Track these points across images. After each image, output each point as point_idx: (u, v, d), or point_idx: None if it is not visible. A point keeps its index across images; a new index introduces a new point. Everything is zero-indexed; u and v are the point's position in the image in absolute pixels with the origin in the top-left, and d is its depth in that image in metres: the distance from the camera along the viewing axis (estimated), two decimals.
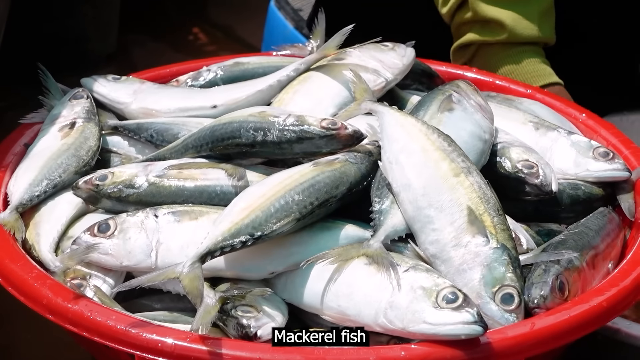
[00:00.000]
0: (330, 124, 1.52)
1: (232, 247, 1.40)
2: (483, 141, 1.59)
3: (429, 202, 1.45)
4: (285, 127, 1.53)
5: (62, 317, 1.38)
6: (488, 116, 1.64)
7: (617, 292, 1.42)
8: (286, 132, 1.53)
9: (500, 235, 1.43)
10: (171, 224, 1.48)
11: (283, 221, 1.43)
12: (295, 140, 1.53)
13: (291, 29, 2.63)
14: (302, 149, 1.54)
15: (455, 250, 1.42)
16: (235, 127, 1.57)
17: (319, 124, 1.52)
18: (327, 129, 1.52)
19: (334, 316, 1.40)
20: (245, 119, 1.57)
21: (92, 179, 1.57)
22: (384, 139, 1.53)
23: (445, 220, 1.43)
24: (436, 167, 1.48)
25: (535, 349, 1.35)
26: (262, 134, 1.54)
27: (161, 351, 1.32)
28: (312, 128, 1.52)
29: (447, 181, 1.46)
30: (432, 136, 1.51)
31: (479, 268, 1.40)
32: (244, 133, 1.56)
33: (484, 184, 1.47)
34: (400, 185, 1.47)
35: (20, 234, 1.53)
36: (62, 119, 1.72)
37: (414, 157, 1.49)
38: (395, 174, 1.49)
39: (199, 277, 1.36)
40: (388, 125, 1.54)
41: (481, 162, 1.58)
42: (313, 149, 1.54)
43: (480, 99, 1.66)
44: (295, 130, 1.53)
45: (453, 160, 1.49)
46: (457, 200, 1.44)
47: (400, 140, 1.51)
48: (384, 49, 1.79)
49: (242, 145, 1.56)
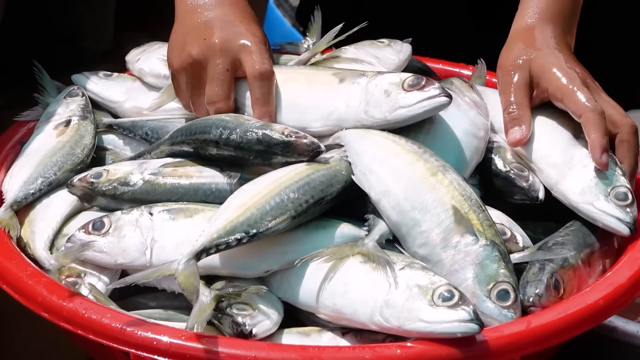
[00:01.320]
0: (291, 132, 1.51)
1: (227, 245, 1.40)
2: (478, 138, 1.59)
3: (412, 205, 1.44)
4: (248, 129, 1.52)
5: (56, 315, 1.38)
6: (483, 112, 1.63)
7: (614, 291, 1.42)
8: (248, 133, 1.52)
9: (488, 232, 1.42)
10: (166, 222, 1.48)
11: (278, 219, 1.42)
12: (255, 142, 1.51)
13: (289, 26, 2.64)
14: (259, 153, 1.51)
15: (445, 251, 1.42)
16: (209, 123, 1.57)
17: (281, 131, 1.51)
18: (286, 136, 1.50)
19: (330, 314, 1.39)
20: (221, 117, 1.57)
21: (87, 176, 1.57)
22: (352, 155, 1.51)
23: (431, 221, 1.43)
24: (412, 169, 1.46)
25: (532, 347, 1.35)
26: (227, 132, 1.53)
27: (156, 349, 1.32)
28: (273, 133, 1.51)
29: (426, 181, 1.45)
30: (400, 141, 1.50)
31: (471, 267, 1.40)
32: (213, 130, 1.55)
33: (462, 180, 1.47)
34: (380, 193, 1.46)
35: (15, 231, 1.53)
36: (58, 117, 1.72)
37: (387, 163, 1.48)
38: (372, 183, 1.47)
39: (194, 274, 1.36)
40: (352, 140, 1.52)
41: (475, 160, 1.58)
42: (270, 154, 1.51)
43: (475, 95, 1.65)
44: (257, 132, 1.51)
45: (427, 160, 1.48)
46: (440, 200, 1.44)
47: (369, 151, 1.50)
48: (380, 46, 1.79)
49: (209, 141, 1.55)
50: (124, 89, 1.80)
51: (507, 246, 1.48)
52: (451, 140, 1.56)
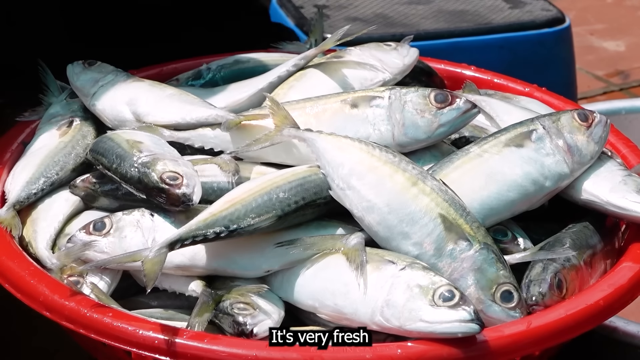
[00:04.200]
0: (169, 178, 1.45)
1: (204, 237, 1.40)
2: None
3: (398, 218, 1.43)
4: (133, 164, 1.49)
5: (58, 314, 1.38)
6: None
7: (614, 291, 1.42)
8: (132, 169, 1.49)
9: (478, 234, 1.42)
10: (167, 223, 1.48)
11: (262, 217, 1.42)
12: (137, 180, 1.48)
13: (292, 25, 2.64)
14: (139, 193, 1.48)
15: (440, 260, 1.41)
16: (110, 145, 1.54)
17: (159, 175, 1.46)
18: (162, 182, 1.45)
19: (331, 315, 1.40)
20: (123, 140, 1.54)
21: (90, 177, 1.57)
22: (326, 166, 1.48)
23: (421, 232, 1.42)
24: (392, 182, 1.44)
25: (532, 347, 1.36)
26: (118, 162, 1.51)
27: (158, 348, 1.32)
28: (152, 175, 1.46)
29: (408, 192, 1.43)
30: (375, 152, 1.47)
31: (470, 274, 1.40)
32: (109, 154, 1.53)
33: (442, 184, 1.45)
34: (362, 209, 1.44)
35: (17, 231, 1.53)
36: (60, 117, 1.72)
37: (366, 178, 1.45)
38: (352, 200, 1.45)
39: (161, 262, 1.36)
40: (325, 151, 1.49)
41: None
42: (149, 197, 1.47)
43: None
44: (138, 170, 1.48)
45: (405, 170, 1.45)
46: (426, 209, 1.42)
47: (345, 165, 1.47)
48: (386, 49, 1.76)
49: (104, 166, 1.54)
50: (93, 81, 1.73)
51: (508, 247, 1.48)
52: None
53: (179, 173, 1.46)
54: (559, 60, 2.66)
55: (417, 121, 1.56)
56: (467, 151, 1.54)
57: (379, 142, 1.53)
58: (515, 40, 2.61)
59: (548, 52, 2.64)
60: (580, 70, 3.00)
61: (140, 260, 1.36)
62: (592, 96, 3.07)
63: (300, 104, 1.60)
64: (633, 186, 1.54)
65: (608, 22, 3.47)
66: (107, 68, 1.76)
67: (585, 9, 3.49)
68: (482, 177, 1.51)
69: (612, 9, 3.55)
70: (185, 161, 1.51)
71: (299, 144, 1.53)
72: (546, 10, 2.68)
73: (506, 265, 1.41)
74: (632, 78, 3.18)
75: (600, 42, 3.34)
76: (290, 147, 1.54)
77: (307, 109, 1.59)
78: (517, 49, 2.60)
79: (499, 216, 1.51)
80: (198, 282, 1.44)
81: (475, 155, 1.53)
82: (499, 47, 2.59)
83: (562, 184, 1.54)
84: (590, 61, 3.20)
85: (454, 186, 1.46)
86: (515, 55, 2.57)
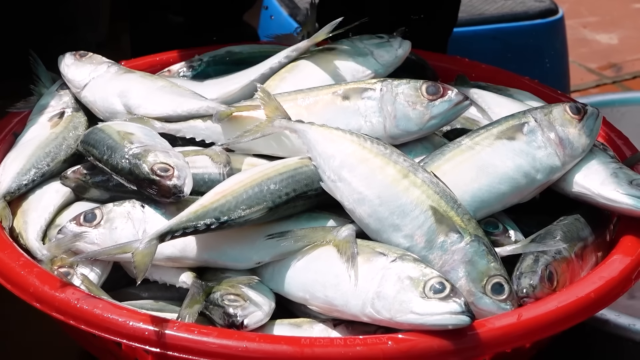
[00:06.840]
0: (160, 169, 1.45)
1: (195, 229, 1.40)
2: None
3: (389, 211, 1.43)
4: (124, 155, 1.48)
5: (48, 305, 1.38)
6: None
7: (605, 283, 1.42)
8: (123, 160, 1.48)
9: (469, 226, 1.42)
10: (158, 214, 1.48)
11: (253, 208, 1.42)
12: (127, 172, 1.48)
13: (286, 16, 2.64)
14: (130, 184, 1.48)
15: (431, 253, 1.41)
16: (101, 136, 1.54)
17: (150, 166, 1.45)
18: (153, 173, 1.45)
19: (321, 306, 1.40)
20: (114, 132, 1.54)
21: (80, 168, 1.57)
22: (317, 158, 1.48)
23: (412, 224, 1.42)
24: (383, 174, 1.45)
25: (523, 339, 1.36)
26: (109, 153, 1.51)
27: (148, 340, 1.32)
28: (143, 167, 1.46)
29: (399, 184, 1.44)
30: (366, 144, 1.47)
31: (461, 266, 1.40)
32: (100, 145, 1.53)
33: (433, 177, 1.45)
34: (354, 202, 1.44)
35: (7, 222, 1.53)
36: (51, 109, 1.72)
37: (357, 170, 1.45)
38: (343, 192, 1.45)
39: (151, 254, 1.36)
40: (316, 143, 1.49)
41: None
42: (140, 188, 1.47)
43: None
44: (129, 161, 1.47)
45: (396, 162, 1.46)
46: (417, 201, 1.42)
47: (336, 156, 1.47)
48: (378, 41, 1.76)
49: (95, 157, 1.54)
50: (85, 72, 1.73)
51: (499, 239, 1.48)
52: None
53: (170, 164, 1.45)
54: (551, 52, 2.67)
55: (409, 113, 1.55)
56: (459, 143, 1.54)
57: (371, 134, 1.53)
58: (508, 31, 2.61)
59: (541, 43, 2.64)
60: (573, 62, 3.00)
61: (130, 251, 1.36)
62: (585, 89, 3.07)
63: (292, 96, 1.60)
64: (624, 179, 1.54)
65: (601, 15, 3.47)
66: (99, 59, 1.75)
67: (579, 2, 3.48)
68: (474, 170, 1.51)
69: (605, 2, 3.55)
70: (176, 153, 1.51)
71: (291, 136, 1.53)
72: (539, 1, 2.68)
73: (497, 258, 1.41)
74: (624, 71, 3.18)
75: (593, 35, 3.34)
76: (281, 138, 1.54)
77: (298, 100, 1.59)
78: (509, 40, 2.60)
79: (490, 208, 1.51)
80: (189, 274, 1.44)
81: (467, 148, 1.53)
82: (492, 38, 2.59)
83: (553, 176, 1.54)
84: (583, 54, 3.20)
85: (445, 178, 1.46)
86: (508, 46, 2.58)
